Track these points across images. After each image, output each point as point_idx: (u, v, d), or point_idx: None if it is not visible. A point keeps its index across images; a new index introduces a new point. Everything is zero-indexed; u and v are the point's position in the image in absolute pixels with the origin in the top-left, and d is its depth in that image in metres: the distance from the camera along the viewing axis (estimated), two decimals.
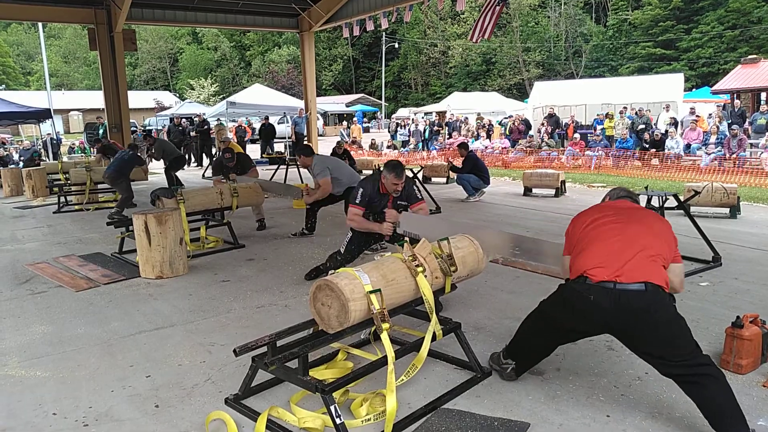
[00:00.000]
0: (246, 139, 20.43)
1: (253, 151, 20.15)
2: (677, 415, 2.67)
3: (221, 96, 43.07)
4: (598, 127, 16.45)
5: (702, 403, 2.45)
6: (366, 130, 30.37)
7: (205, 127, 17.59)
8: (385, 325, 2.69)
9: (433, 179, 12.24)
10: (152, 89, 54.23)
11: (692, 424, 2.59)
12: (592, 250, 2.62)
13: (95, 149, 14.14)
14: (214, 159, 9.69)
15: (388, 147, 21.60)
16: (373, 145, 21.93)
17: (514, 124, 18.56)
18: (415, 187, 4.75)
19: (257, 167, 8.22)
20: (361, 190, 4.59)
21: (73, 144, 23.92)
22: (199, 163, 17.35)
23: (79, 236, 7.46)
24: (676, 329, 2.49)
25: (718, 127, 13.78)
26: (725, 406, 2.39)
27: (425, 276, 2.97)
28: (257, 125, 21.49)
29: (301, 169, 11.22)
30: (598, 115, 17.45)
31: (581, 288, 2.55)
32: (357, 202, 4.57)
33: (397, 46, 48.24)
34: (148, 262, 5.29)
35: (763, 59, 20.00)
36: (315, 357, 3.18)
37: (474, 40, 10.40)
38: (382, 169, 4.53)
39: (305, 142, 17.15)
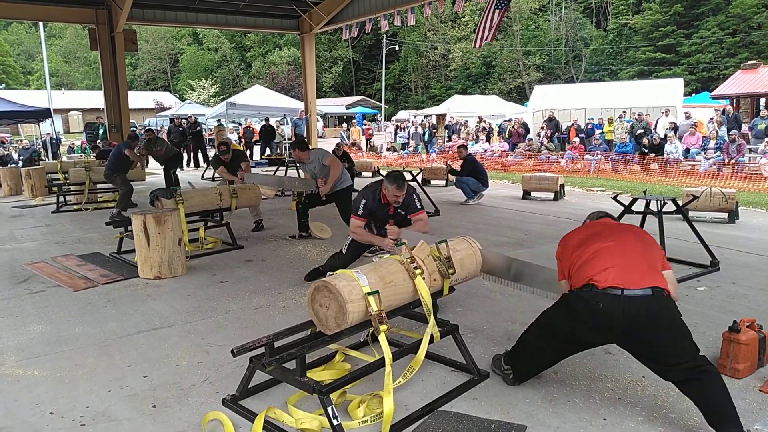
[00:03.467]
0: (254, 140, 20.44)
1: (255, 152, 20.23)
2: (673, 418, 2.67)
3: (221, 97, 43.05)
4: (597, 131, 16.47)
5: (702, 402, 2.47)
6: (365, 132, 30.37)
7: (198, 128, 17.59)
8: (383, 327, 2.70)
9: (432, 182, 12.25)
10: (152, 90, 54.26)
11: (689, 428, 2.60)
12: (595, 260, 2.63)
13: (94, 153, 14.14)
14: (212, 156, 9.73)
15: (388, 149, 21.62)
16: (372, 147, 21.95)
17: (513, 127, 18.58)
18: (415, 196, 4.60)
19: (258, 167, 8.26)
20: (363, 201, 4.53)
21: (73, 143, 23.92)
22: (196, 165, 17.37)
23: (77, 236, 7.46)
24: (680, 334, 2.53)
25: (717, 132, 13.80)
26: (724, 404, 2.42)
27: (423, 278, 2.98)
28: (257, 126, 21.52)
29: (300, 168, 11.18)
30: (598, 119, 17.46)
31: (588, 295, 2.54)
32: (359, 213, 4.54)
33: (397, 48, 48.28)
34: (146, 263, 5.29)
35: (763, 65, 20.04)
36: (312, 358, 3.19)
37: (477, 46, 10.46)
38: (383, 179, 4.48)
39: (289, 158, 17.19)
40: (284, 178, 7.72)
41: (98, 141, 15.66)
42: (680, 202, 5.96)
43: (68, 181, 10.28)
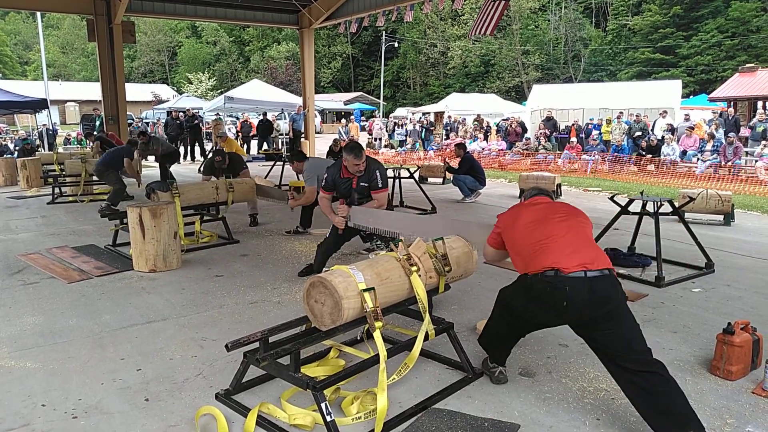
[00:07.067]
0: (251, 134, 20.38)
1: (252, 147, 20.18)
2: None
3: (219, 91, 42.94)
4: (595, 132, 16.49)
5: (649, 405, 2.45)
6: (363, 128, 30.29)
7: (195, 122, 17.55)
8: (378, 324, 2.69)
9: (430, 179, 12.24)
10: (150, 82, 53.97)
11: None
12: (554, 244, 2.68)
13: (90, 141, 14.10)
14: (206, 158, 9.59)
15: (385, 146, 21.60)
16: (369, 144, 21.93)
17: (510, 126, 18.58)
18: (378, 173, 4.77)
19: (254, 162, 8.21)
20: (326, 175, 4.94)
21: (69, 135, 23.83)
22: (192, 158, 17.34)
23: (72, 228, 7.43)
24: (631, 318, 2.60)
25: (714, 135, 13.84)
26: (677, 406, 2.40)
27: (419, 275, 2.97)
28: (254, 121, 21.47)
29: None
30: (595, 120, 17.49)
31: (555, 280, 2.58)
32: (323, 186, 4.98)
33: (396, 45, 48.19)
34: (141, 256, 5.27)
35: (761, 68, 20.09)
36: (307, 354, 3.18)
37: (471, 34, 10.46)
38: (343, 152, 4.78)
39: (299, 148, 17.16)
40: (265, 187, 7.69)
41: (94, 133, 15.59)
42: (677, 204, 5.97)
43: (64, 173, 10.24)
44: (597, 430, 2.62)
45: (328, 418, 2.45)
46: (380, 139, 23.16)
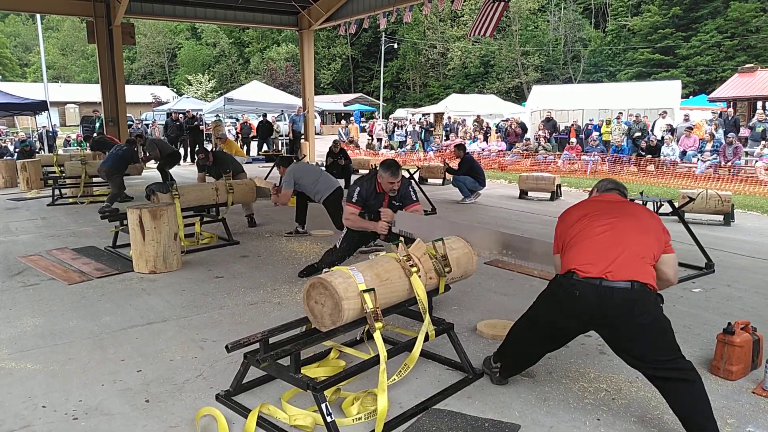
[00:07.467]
0: (251, 136, 20.40)
1: (252, 148, 20.19)
2: (667, 420, 2.68)
3: (219, 92, 42.92)
4: (594, 133, 16.50)
5: (676, 406, 2.47)
6: (363, 129, 30.29)
7: (195, 123, 17.57)
8: (378, 325, 2.69)
9: (430, 180, 12.25)
10: (150, 84, 53.91)
11: (682, 430, 2.60)
12: (581, 246, 2.62)
13: (89, 146, 14.14)
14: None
15: (385, 147, 21.60)
16: (369, 145, 21.95)
17: (510, 127, 18.59)
18: (411, 189, 4.65)
19: (254, 164, 8.21)
20: (357, 188, 4.56)
21: (69, 136, 23.83)
22: (192, 160, 17.34)
23: (72, 229, 7.43)
24: (659, 331, 2.48)
25: (713, 135, 13.85)
26: (698, 412, 2.40)
27: (419, 276, 2.97)
28: (254, 122, 21.49)
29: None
30: (594, 120, 17.50)
31: (567, 283, 2.56)
32: (354, 201, 4.55)
33: (396, 46, 48.21)
34: (141, 257, 5.27)
35: (760, 68, 20.11)
36: (307, 355, 3.18)
37: (471, 35, 10.49)
38: (378, 168, 4.54)
39: (298, 149, 17.24)
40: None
41: (94, 134, 15.61)
42: (676, 204, 5.97)
43: (64, 174, 10.24)
44: (597, 430, 2.62)
45: (329, 419, 2.45)
46: (381, 140, 23.17)
